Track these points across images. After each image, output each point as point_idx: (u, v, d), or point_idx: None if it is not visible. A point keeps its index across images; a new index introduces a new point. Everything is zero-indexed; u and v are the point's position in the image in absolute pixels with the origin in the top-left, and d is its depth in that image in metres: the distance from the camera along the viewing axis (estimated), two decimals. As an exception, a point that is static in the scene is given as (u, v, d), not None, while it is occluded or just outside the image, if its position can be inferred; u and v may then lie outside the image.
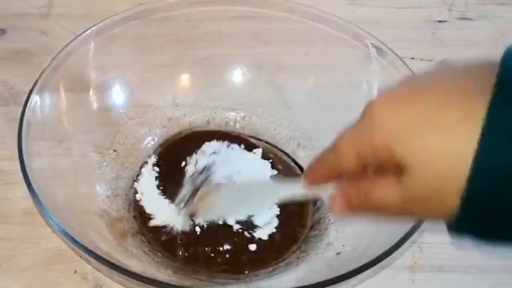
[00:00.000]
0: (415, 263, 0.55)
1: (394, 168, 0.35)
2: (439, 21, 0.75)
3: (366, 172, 0.37)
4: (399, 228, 0.48)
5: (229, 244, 0.55)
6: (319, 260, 0.53)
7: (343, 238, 0.54)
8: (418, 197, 0.35)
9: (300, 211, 0.58)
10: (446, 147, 0.33)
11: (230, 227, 0.55)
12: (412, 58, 0.69)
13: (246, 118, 0.64)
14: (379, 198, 0.37)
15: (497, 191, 0.32)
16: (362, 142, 0.36)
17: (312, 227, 0.57)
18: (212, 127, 0.63)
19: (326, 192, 0.42)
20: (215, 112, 0.64)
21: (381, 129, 0.35)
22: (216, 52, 0.64)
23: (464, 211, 0.33)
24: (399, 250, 0.46)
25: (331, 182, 0.41)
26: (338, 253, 0.53)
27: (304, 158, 0.61)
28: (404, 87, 0.36)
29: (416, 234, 0.47)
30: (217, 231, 0.55)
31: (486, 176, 0.32)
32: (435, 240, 0.56)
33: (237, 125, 0.64)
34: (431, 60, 0.70)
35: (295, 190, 0.45)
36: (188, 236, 0.55)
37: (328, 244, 0.54)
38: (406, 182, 0.35)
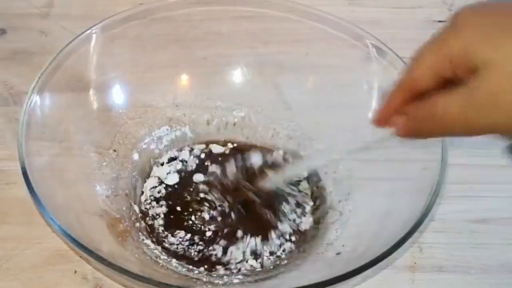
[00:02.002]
0: (415, 263, 0.55)
1: (468, 75, 0.35)
2: (439, 21, 0.75)
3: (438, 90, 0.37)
4: (399, 228, 0.48)
5: (230, 245, 0.55)
6: (319, 260, 0.53)
7: (343, 238, 0.54)
8: (481, 100, 0.34)
9: (300, 210, 0.58)
10: None
11: (230, 227, 0.56)
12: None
13: (246, 118, 0.64)
14: (442, 108, 0.36)
15: None
16: (442, 49, 0.37)
17: (312, 227, 0.57)
18: (212, 127, 0.63)
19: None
20: (215, 112, 0.64)
21: (461, 33, 0.36)
22: (216, 52, 0.64)
23: None
24: (399, 250, 0.46)
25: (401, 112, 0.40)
26: (338, 253, 0.53)
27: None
28: (492, 2, 0.37)
29: (416, 234, 0.47)
30: (217, 232, 0.56)
31: None
32: (435, 240, 0.56)
33: (237, 125, 0.64)
34: (431, 60, 0.70)
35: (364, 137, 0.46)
36: (188, 237, 0.55)
37: (328, 244, 0.54)
38: (474, 85, 0.35)
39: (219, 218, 0.56)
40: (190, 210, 0.57)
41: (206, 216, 0.56)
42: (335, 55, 0.62)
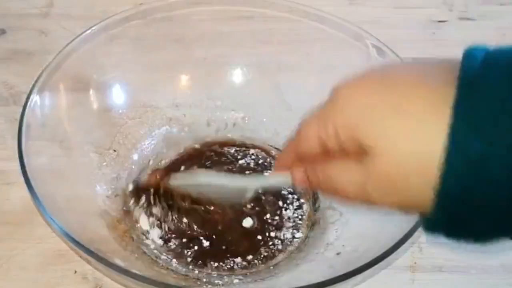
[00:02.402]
0: (415, 263, 0.55)
1: (356, 152, 0.35)
2: (439, 21, 0.75)
3: (328, 156, 0.37)
4: (399, 228, 0.48)
5: (230, 245, 0.55)
6: (319, 260, 0.53)
7: (343, 238, 0.54)
8: (382, 183, 0.34)
9: (300, 210, 0.58)
10: (412, 133, 0.32)
11: (231, 227, 0.56)
12: (412, 58, 0.69)
13: (246, 118, 0.64)
14: (337, 179, 0.37)
15: (469, 184, 0.31)
16: (325, 124, 0.37)
17: (312, 227, 0.57)
18: (212, 127, 0.63)
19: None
20: (215, 112, 0.64)
21: (345, 111, 0.35)
22: (216, 52, 0.64)
23: (436, 202, 0.32)
24: (399, 250, 0.46)
25: (296, 166, 0.41)
26: (338, 253, 0.53)
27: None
28: (372, 73, 0.37)
29: (416, 234, 0.47)
30: (217, 232, 0.56)
31: (457, 169, 0.31)
32: (435, 240, 0.56)
33: (237, 125, 0.64)
34: (431, 60, 0.70)
35: (269, 179, 0.48)
36: (188, 237, 0.55)
37: (328, 244, 0.54)
38: (368, 166, 0.34)
39: (218, 218, 0.56)
40: (189, 209, 0.57)
41: (206, 216, 0.56)
42: (335, 55, 0.62)
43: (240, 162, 0.61)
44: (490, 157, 0.31)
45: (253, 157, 0.61)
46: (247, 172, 0.60)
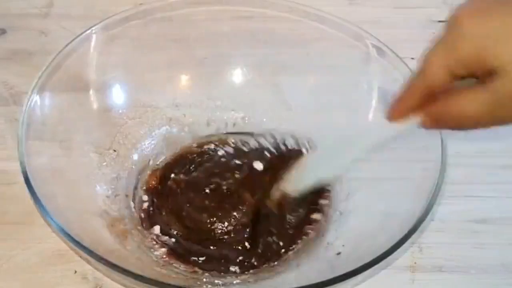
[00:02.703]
0: (415, 263, 0.55)
1: (485, 76, 0.36)
2: (439, 21, 0.75)
3: (454, 90, 0.38)
4: (399, 228, 0.48)
5: (230, 245, 0.55)
6: (319, 260, 0.53)
7: (343, 238, 0.54)
8: (507, 101, 0.36)
9: (300, 210, 0.58)
10: None
11: (231, 227, 0.56)
12: (412, 58, 0.69)
13: (246, 118, 0.64)
14: (467, 107, 0.38)
15: None
16: (452, 54, 0.37)
17: (312, 227, 0.57)
18: (212, 127, 0.63)
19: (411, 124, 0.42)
20: (215, 112, 0.64)
21: (470, 38, 0.36)
22: (216, 52, 0.64)
23: None
24: (399, 250, 0.46)
25: (418, 110, 0.41)
26: (338, 253, 0.53)
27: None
28: None
29: (416, 234, 0.47)
30: (217, 232, 0.55)
31: None
32: (435, 240, 0.56)
33: (237, 125, 0.64)
34: (431, 60, 0.70)
35: (379, 133, 0.45)
36: (188, 236, 0.55)
37: (328, 244, 0.54)
38: (496, 86, 0.36)
39: (220, 217, 0.56)
40: (191, 209, 0.57)
41: (207, 216, 0.56)
42: (335, 55, 0.62)
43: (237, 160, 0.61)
44: None
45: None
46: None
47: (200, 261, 0.54)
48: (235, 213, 0.56)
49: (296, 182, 0.53)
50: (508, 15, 0.36)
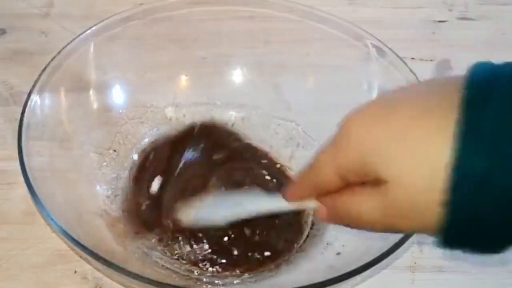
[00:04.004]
0: (415, 263, 0.55)
1: (374, 182, 0.35)
2: (439, 21, 0.75)
3: (348, 186, 0.38)
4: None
5: (230, 245, 0.55)
6: (319, 260, 0.53)
7: (343, 238, 0.54)
8: (398, 210, 0.35)
9: (300, 210, 0.58)
10: (421, 159, 0.33)
11: (231, 228, 0.56)
12: (412, 58, 0.69)
13: (245, 118, 0.64)
14: (358, 211, 0.37)
15: (475, 196, 0.32)
16: (340, 159, 0.37)
17: (312, 227, 0.57)
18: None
19: (310, 204, 0.42)
20: (215, 112, 0.64)
21: (356, 145, 0.36)
22: (216, 52, 0.64)
23: (447, 221, 0.33)
24: (399, 250, 0.46)
25: (312, 197, 0.41)
26: (338, 253, 0.53)
27: (303, 158, 0.61)
28: (377, 103, 0.38)
29: (416, 234, 0.47)
30: (217, 232, 0.55)
31: (461, 185, 0.32)
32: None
33: (237, 125, 0.64)
34: (431, 60, 0.70)
35: (279, 203, 0.45)
36: (189, 236, 0.55)
37: (328, 244, 0.54)
38: (385, 195, 0.35)
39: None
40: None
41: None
42: (335, 55, 0.62)
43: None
44: (494, 174, 0.31)
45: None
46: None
47: (200, 261, 0.54)
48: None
49: (188, 215, 0.52)
50: (396, 120, 0.34)
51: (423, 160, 0.33)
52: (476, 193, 0.32)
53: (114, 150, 0.59)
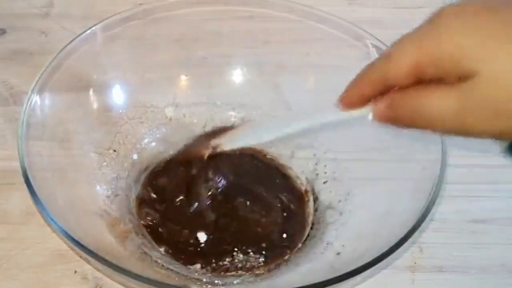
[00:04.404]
0: (415, 263, 0.55)
1: (455, 80, 0.34)
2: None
3: (418, 85, 0.35)
4: (399, 228, 0.48)
5: (230, 245, 0.55)
6: (319, 260, 0.53)
7: (343, 238, 0.54)
8: (480, 107, 0.33)
9: (300, 210, 0.58)
10: None
11: (231, 227, 0.56)
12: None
13: (245, 118, 0.64)
14: (431, 104, 0.35)
15: None
16: (427, 48, 0.35)
17: (312, 227, 0.57)
18: (212, 127, 0.63)
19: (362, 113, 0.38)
20: (215, 112, 0.64)
21: (451, 35, 0.34)
22: (216, 52, 0.64)
23: None
24: (399, 250, 0.46)
25: (371, 101, 0.38)
26: (338, 253, 0.53)
27: (304, 158, 0.61)
28: (476, 2, 0.35)
29: (416, 234, 0.47)
30: (218, 232, 0.56)
31: None
32: (435, 240, 0.56)
33: (237, 125, 0.64)
34: (431, 60, 0.70)
35: (330, 114, 0.42)
36: (189, 236, 0.55)
37: (328, 244, 0.54)
38: (469, 90, 0.33)
39: (219, 218, 0.56)
40: (190, 208, 0.57)
41: (207, 216, 0.56)
42: (335, 55, 0.62)
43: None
44: None
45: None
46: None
47: (200, 261, 0.54)
48: (236, 214, 0.56)
49: (230, 138, 0.52)
50: (496, 19, 0.34)
51: None
52: None
53: (114, 150, 0.59)
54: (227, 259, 0.54)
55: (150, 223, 0.56)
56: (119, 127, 0.61)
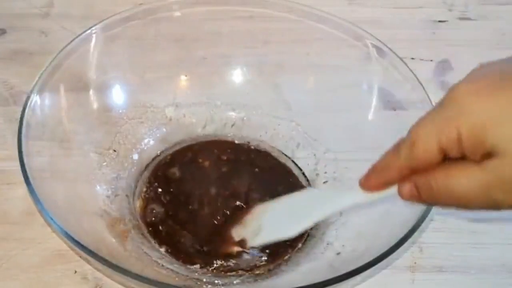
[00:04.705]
0: (415, 263, 0.55)
1: (479, 157, 0.34)
2: (439, 21, 0.75)
3: (443, 164, 0.36)
4: (399, 228, 0.48)
5: (230, 244, 0.55)
6: (319, 260, 0.53)
7: (343, 238, 0.54)
8: (506, 185, 0.34)
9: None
10: None
11: (231, 227, 0.56)
12: (412, 58, 0.69)
13: (245, 118, 0.64)
14: (459, 185, 0.35)
15: None
16: (448, 130, 0.35)
17: (312, 227, 0.57)
18: (212, 127, 0.63)
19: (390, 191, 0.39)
20: (215, 112, 0.64)
21: (470, 115, 0.34)
22: (216, 52, 0.64)
23: None
24: (399, 250, 0.46)
25: (395, 183, 0.39)
26: (338, 253, 0.53)
27: (304, 158, 0.61)
28: (486, 73, 0.35)
29: (416, 234, 0.47)
30: (218, 232, 0.55)
31: None
32: (435, 240, 0.56)
33: (237, 125, 0.64)
34: (431, 60, 0.70)
35: (352, 197, 0.43)
36: (189, 236, 0.55)
37: (328, 244, 0.54)
38: (494, 168, 0.34)
39: (219, 217, 0.56)
40: (190, 208, 0.57)
41: (207, 216, 0.56)
42: (335, 55, 0.62)
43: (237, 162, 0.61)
44: None
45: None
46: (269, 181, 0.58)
47: (200, 261, 0.54)
48: (235, 213, 0.56)
49: (254, 234, 0.51)
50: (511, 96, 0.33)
51: None
52: None
53: (114, 150, 0.59)
54: (227, 259, 0.54)
55: (150, 220, 0.56)
56: (119, 127, 0.61)
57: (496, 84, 0.34)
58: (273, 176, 0.60)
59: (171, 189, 0.58)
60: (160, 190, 0.58)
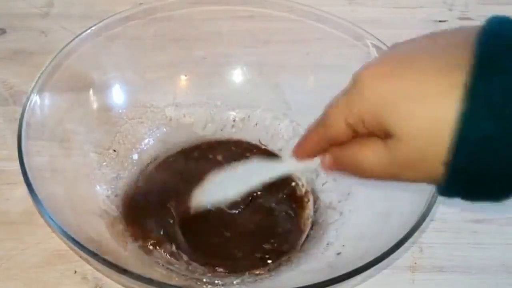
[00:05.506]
0: (415, 263, 0.55)
1: (383, 135, 0.37)
2: (439, 21, 0.75)
3: (356, 138, 0.39)
4: (399, 228, 0.48)
5: (230, 245, 0.55)
6: (319, 260, 0.53)
7: (343, 238, 0.54)
8: (404, 163, 0.36)
9: (301, 211, 0.58)
10: (430, 116, 0.34)
11: (231, 227, 0.56)
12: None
13: (245, 118, 0.64)
14: (365, 160, 0.38)
15: (478, 156, 0.33)
16: (351, 111, 0.38)
17: (312, 227, 0.57)
18: (212, 127, 0.63)
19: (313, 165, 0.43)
20: (215, 112, 0.64)
21: (369, 98, 0.37)
22: (216, 52, 0.64)
23: (448, 176, 0.34)
24: (399, 250, 0.46)
25: (321, 153, 0.42)
26: (338, 253, 0.53)
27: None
28: (389, 57, 0.38)
29: (416, 234, 0.47)
30: (217, 232, 0.56)
31: (466, 142, 0.33)
32: (435, 240, 0.56)
33: (237, 125, 0.64)
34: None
35: (287, 165, 0.46)
36: (188, 236, 0.55)
37: (328, 244, 0.54)
38: (393, 148, 0.36)
39: (219, 218, 0.56)
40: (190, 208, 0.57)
41: (207, 217, 0.56)
42: (335, 55, 0.62)
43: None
44: (499, 137, 0.33)
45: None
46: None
47: (200, 260, 0.54)
48: (235, 213, 0.56)
49: (199, 197, 0.52)
50: (409, 76, 0.35)
51: (434, 117, 0.34)
52: (479, 154, 0.33)
53: (114, 150, 0.59)
54: (227, 259, 0.54)
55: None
56: (119, 127, 0.61)
57: (395, 67, 0.37)
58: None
59: (171, 189, 0.58)
60: (159, 190, 0.58)
